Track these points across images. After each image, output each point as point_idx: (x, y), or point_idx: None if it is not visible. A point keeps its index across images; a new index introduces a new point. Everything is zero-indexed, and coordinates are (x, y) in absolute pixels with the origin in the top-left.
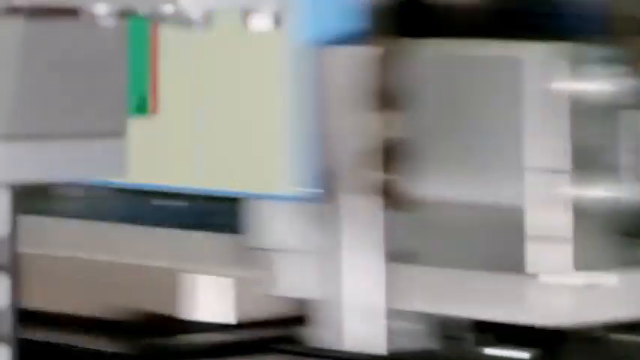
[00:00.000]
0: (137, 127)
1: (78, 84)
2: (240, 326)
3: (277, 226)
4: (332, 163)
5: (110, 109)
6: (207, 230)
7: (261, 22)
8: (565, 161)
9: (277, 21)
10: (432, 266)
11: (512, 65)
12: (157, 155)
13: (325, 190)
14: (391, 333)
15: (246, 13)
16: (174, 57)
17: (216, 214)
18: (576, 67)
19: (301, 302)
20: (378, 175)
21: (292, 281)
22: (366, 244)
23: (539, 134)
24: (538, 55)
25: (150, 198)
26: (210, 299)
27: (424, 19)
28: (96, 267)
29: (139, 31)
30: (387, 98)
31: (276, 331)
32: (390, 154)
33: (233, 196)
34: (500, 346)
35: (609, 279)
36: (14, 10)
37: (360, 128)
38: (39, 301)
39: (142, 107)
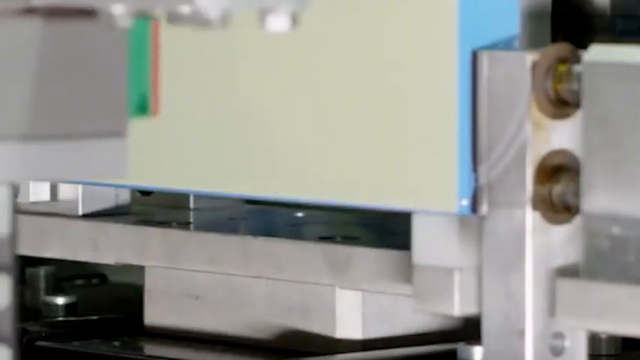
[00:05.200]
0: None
1: (78, 84)
2: (397, 343)
3: (435, 242)
4: (492, 174)
5: (110, 109)
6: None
7: (278, 22)
8: None
9: (295, 21)
10: (600, 282)
11: None
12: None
13: (483, 204)
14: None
15: (263, 13)
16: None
17: (370, 227)
18: None
19: (458, 319)
20: (541, 188)
21: (451, 297)
22: (527, 258)
23: None
24: None
25: (293, 210)
26: (364, 315)
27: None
28: (234, 282)
29: (139, 31)
30: (550, 107)
31: (438, 347)
32: (554, 166)
33: (393, 210)
34: None
35: None
36: (28, 11)
37: (522, 137)
38: (168, 316)
39: (143, 107)
